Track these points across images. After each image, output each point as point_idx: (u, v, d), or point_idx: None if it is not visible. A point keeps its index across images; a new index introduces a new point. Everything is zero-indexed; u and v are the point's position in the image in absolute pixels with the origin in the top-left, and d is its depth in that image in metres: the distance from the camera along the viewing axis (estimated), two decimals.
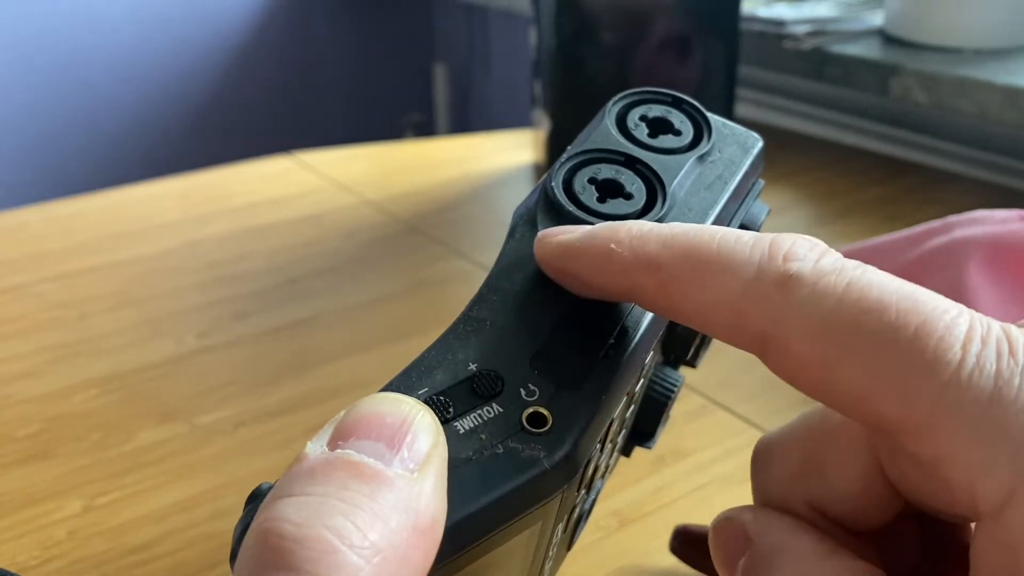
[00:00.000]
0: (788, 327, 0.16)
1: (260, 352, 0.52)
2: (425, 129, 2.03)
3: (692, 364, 0.23)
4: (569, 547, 0.23)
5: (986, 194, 0.75)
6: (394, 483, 0.15)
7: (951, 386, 0.15)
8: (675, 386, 0.22)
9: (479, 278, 0.64)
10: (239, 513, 0.16)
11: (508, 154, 0.82)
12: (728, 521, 0.19)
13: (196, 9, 1.80)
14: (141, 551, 0.39)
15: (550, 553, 0.20)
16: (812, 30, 0.86)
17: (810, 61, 0.85)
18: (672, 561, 0.37)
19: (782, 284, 0.16)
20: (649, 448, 0.24)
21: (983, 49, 0.79)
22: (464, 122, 2.00)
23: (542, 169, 0.76)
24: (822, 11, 0.91)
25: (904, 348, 0.15)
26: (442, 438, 0.16)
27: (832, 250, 0.17)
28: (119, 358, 0.52)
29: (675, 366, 0.23)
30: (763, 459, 0.20)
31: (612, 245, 0.18)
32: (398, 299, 0.58)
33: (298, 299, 0.58)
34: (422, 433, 0.16)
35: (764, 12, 0.90)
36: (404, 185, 0.76)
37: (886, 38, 0.85)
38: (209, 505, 0.41)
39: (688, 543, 0.36)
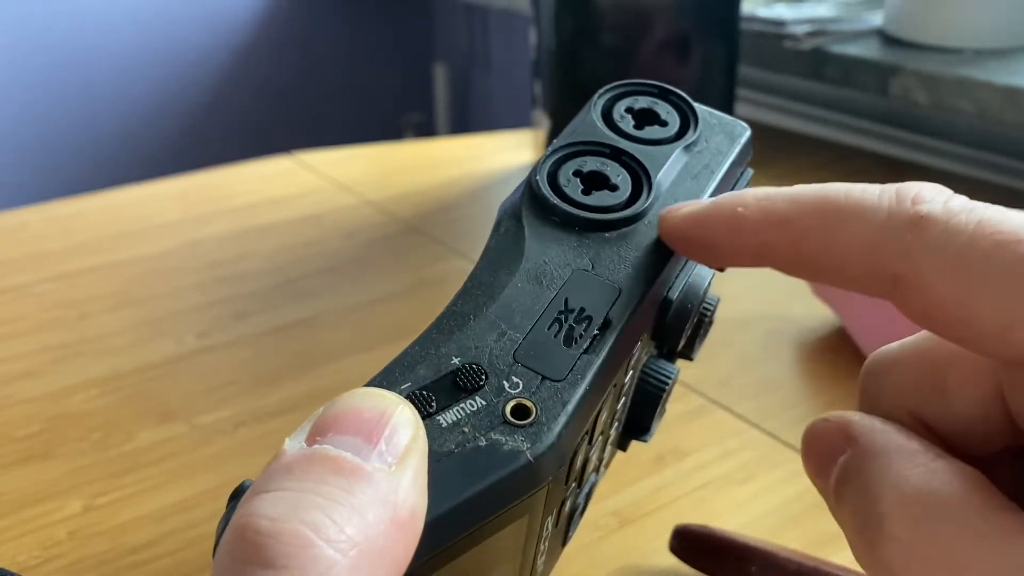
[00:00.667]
0: (922, 264, 0.16)
1: (260, 352, 0.52)
2: (425, 129, 2.03)
3: (688, 357, 0.23)
4: (564, 542, 0.23)
5: (986, 194, 0.75)
6: (372, 477, 0.15)
7: None
8: (669, 378, 0.22)
9: None
10: None
11: (508, 154, 0.82)
12: (826, 421, 0.19)
13: (196, 9, 1.80)
14: (141, 551, 0.39)
15: (542, 548, 0.20)
16: (812, 30, 0.86)
17: (810, 61, 0.85)
18: (672, 561, 0.37)
19: (914, 224, 0.16)
20: (645, 442, 0.24)
21: (983, 49, 0.79)
22: (464, 122, 2.00)
23: None
24: (822, 11, 0.91)
25: None
26: (422, 431, 0.16)
27: (958, 194, 0.17)
28: (119, 358, 0.52)
29: (671, 359, 0.23)
30: (878, 369, 0.20)
31: (739, 208, 0.18)
32: (398, 299, 0.58)
33: (298, 299, 0.58)
34: (401, 427, 0.15)
35: (764, 12, 0.90)
36: (404, 185, 0.76)
37: (886, 38, 0.85)
38: (209, 505, 0.41)
39: (689, 543, 0.36)
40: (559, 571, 0.37)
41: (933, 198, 0.17)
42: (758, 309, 0.56)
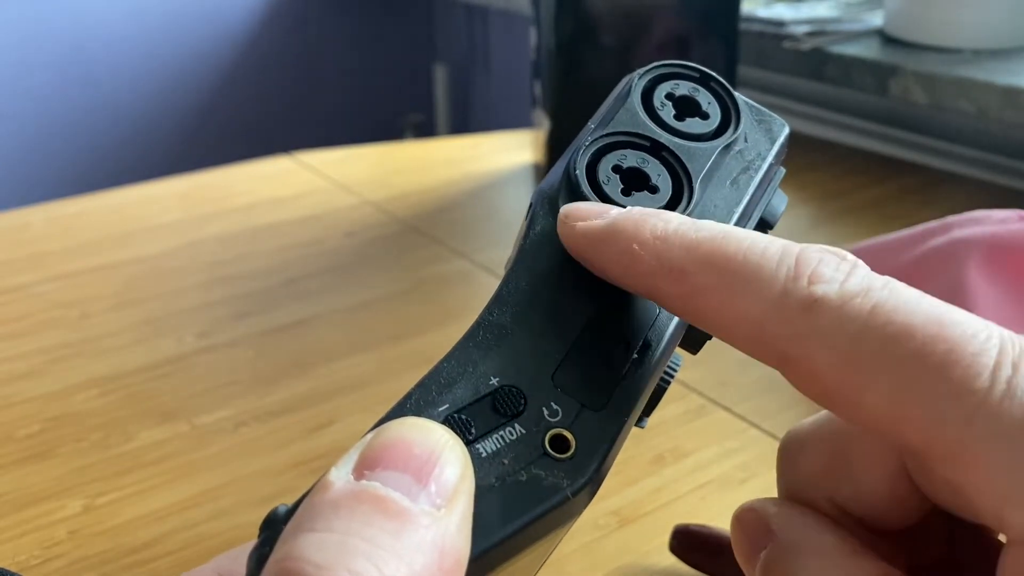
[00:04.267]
0: (811, 350, 0.16)
1: (261, 352, 0.52)
2: (425, 129, 2.03)
3: (694, 352, 0.23)
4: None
5: (986, 194, 0.75)
6: (419, 521, 0.14)
7: (980, 414, 0.14)
8: (676, 370, 0.22)
9: (479, 278, 0.64)
10: (239, 513, 0.16)
11: (508, 154, 0.82)
12: (751, 512, 0.19)
13: (196, 9, 1.80)
14: (141, 551, 0.39)
15: (549, 556, 0.20)
16: (812, 30, 0.86)
17: (810, 61, 0.85)
18: (672, 561, 0.37)
19: (807, 308, 0.16)
20: (642, 428, 0.24)
21: (983, 49, 0.79)
22: (464, 122, 2.00)
23: (542, 169, 0.76)
24: (822, 11, 0.91)
25: (931, 375, 0.15)
26: (470, 471, 0.16)
27: (861, 266, 0.16)
28: (120, 358, 0.52)
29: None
30: (791, 453, 0.20)
31: (634, 246, 0.18)
32: (398, 299, 0.58)
33: (298, 299, 0.58)
34: (450, 465, 0.15)
35: (764, 12, 0.90)
36: (404, 185, 0.76)
37: (885, 38, 0.85)
38: (209, 505, 0.41)
39: (688, 543, 0.37)
40: (559, 571, 0.37)
41: (831, 278, 0.16)
42: None
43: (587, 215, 0.19)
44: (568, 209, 0.19)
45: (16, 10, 1.66)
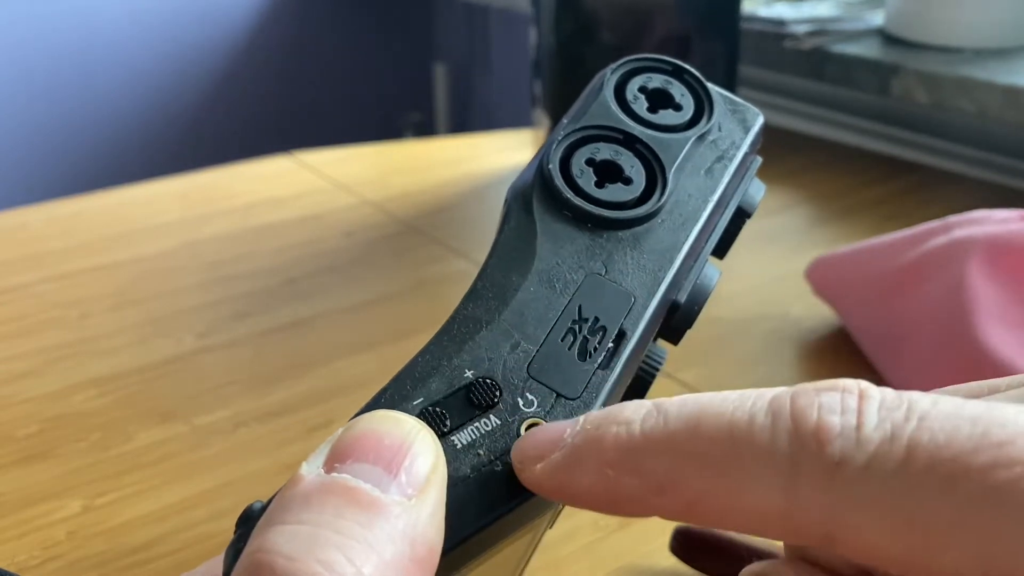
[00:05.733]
0: (856, 524, 0.13)
1: (260, 352, 0.52)
2: (425, 129, 2.03)
3: (674, 342, 0.23)
4: (551, 526, 0.23)
5: (986, 194, 0.75)
6: (390, 511, 0.14)
7: None
8: (660, 363, 0.22)
9: None
10: (239, 513, 0.16)
11: (508, 154, 0.82)
12: None
13: (196, 9, 1.80)
14: (141, 551, 0.39)
15: (536, 546, 0.20)
16: (812, 30, 0.86)
17: (810, 61, 0.85)
18: (672, 561, 0.37)
19: (830, 478, 0.13)
20: None
21: (984, 49, 0.79)
22: (464, 122, 2.00)
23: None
24: (822, 11, 0.91)
25: (1013, 508, 0.12)
26: (442, 461, 0.16)
27: (869, 395, 0.14)
28: (119, 358, 0.52)
29: (655, 340, 0.23)
30: None
31: (608, 471, 0.15)
32: (398, 299, 0.58)
33: (298, 299, 0.58)
34: (421, 455, 0.15)
35: (764, 12, 0.90)
36: (404, 185, 0.76)
37: (886, 38, 0.85)
38: (209, 505, 0.41)
39: (688, 543, 0.36)
40: (560, 571, 0.37)
41: (842, 428, 0.13)
42: (758, 309, 0.56)
43: (541, 451, 0.16)
44: (519, 453, 0.16)
45: (16, 10, 1.65)
